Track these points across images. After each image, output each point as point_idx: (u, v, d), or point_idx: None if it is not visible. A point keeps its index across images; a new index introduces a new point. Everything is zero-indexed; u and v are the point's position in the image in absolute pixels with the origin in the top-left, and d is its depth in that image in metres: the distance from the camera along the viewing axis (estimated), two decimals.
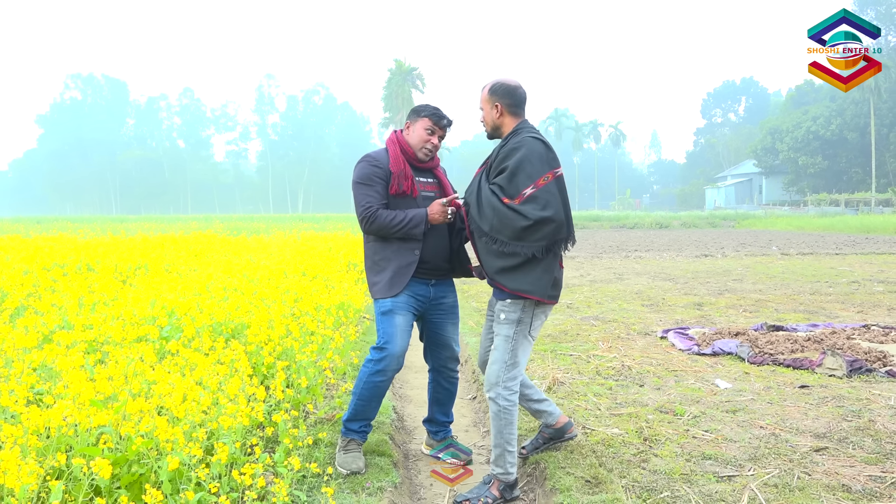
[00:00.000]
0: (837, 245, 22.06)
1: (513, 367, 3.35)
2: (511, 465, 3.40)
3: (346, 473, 3.48)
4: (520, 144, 3.27)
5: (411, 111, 3.80)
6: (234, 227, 28.91)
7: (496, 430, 3.38)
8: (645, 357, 5.97)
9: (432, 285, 3.76)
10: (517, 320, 3.33)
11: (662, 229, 40.28)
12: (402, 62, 67.54)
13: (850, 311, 8.47)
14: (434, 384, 4.03)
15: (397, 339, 3.59)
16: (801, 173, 63.70)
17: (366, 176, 3.61)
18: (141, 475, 2.82)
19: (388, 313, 3.61)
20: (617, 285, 11.33)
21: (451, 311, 3.90)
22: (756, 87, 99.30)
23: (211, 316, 5.17)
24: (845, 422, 4.14)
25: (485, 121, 3.49)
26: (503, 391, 3.35)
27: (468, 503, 3.35)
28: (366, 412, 3.68)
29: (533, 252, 3.18)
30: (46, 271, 8.95)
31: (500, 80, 3.45)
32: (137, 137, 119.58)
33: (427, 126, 3.67)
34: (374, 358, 3.62)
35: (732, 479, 3.33)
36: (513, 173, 3.22)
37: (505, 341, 3.36)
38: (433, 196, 3.73)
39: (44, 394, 3.41)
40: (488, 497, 3.37)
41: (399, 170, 3.62)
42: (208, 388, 3.46)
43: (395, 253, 3.62)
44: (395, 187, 3.61)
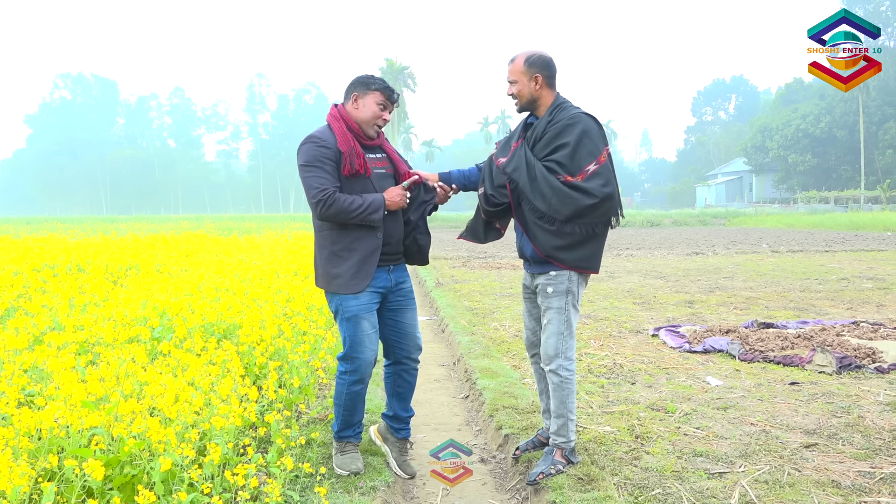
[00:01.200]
0: (827, 242, 22.21)
1: (570, 337, 3.40)
2: (572, 433, 3.48)
3: (347, 474, 3.45)
4: (575, 120, 3.24)
5: (357, 83, 3.46)
6: (226, 227, 28.83)
7: (559, 400, 3.41)
8: (637, 355, 5.99)
9: (391, 271, 3.58)
10: (566, 291, 3.36)
11: (654, 227, 40.41)
12: (394, 61, 67.44)
13: (840, 307, 8.53)
14: (394, 377, 3.76)
15: (366, 345, 3.44)
16: (791, 171, 64.05)
17: (314, 157, 3.32)
18: (133, 476, 2.82)
19: (354, 318, 3.41)
20: (608, 283, 11.36)
21: (410, 296, 3.70)
22: (746, 85, 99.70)
23: (203, 316, 5.16)
24: (835, 418, 4.17)
25: (519, 93, 3.38)
26: (564, 361, 3.39)
27: (542, 476, 3.37)
28: (353, 418, 3.61)
29: (593, 229, 3.25)
30: (37, 272, 8.91)
31: (534, 51, 3.38)
32: (128, 137, 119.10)
33: (379, 101, 3.43)
34: (346, 369, 3.48)
35: (723, 476, 3.35)
36: (574, 150, 3.20)
37: (558, 313, 3.37)
38: (386, 174, 3.53)
39: (35, 395, 3.40)
40: (558, 464, 3.42)
41: (349, 148, 3.35)
42: (200, 388, 3.46)
43: (356, 241, 3.38)
44: (348, 167, 3.34)
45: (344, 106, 3.49)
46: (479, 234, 3.67)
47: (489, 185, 3.50)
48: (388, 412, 3.84)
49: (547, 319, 3.41)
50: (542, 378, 3.74)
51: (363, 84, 3.44)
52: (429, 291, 10.94)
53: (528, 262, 3.51)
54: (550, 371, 3.42)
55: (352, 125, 3.43)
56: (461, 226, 4.09)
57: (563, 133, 3.24)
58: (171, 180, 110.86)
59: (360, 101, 3.43)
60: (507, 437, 4.14)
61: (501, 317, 8.15)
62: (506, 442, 4.13)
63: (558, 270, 3.34)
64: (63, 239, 17.18)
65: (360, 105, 3.43)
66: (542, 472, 3.40)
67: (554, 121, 3.30)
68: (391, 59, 67.89)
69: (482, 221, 3.63)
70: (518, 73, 3.36)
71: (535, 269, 3.44)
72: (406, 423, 3.82)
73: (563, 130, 3.24)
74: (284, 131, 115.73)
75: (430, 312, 9.47)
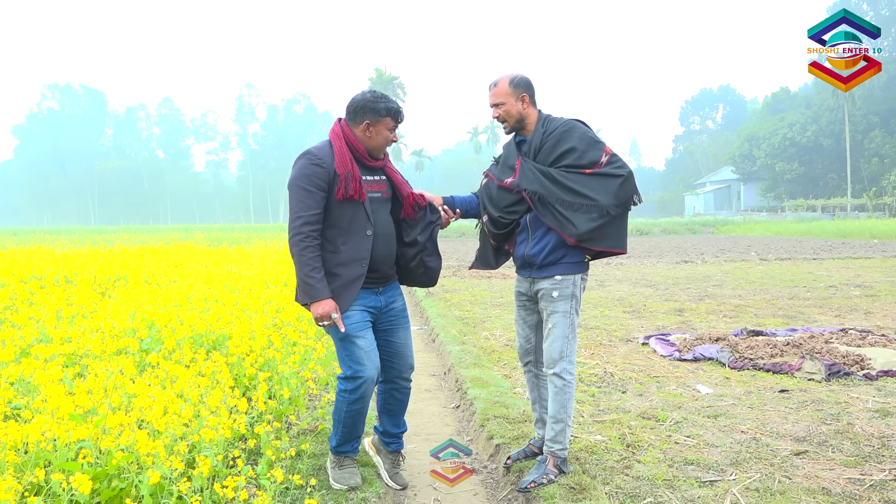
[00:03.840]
0: (815, 250, 22.36)
1: (574, 341, 3.45)
2: (567, 441, 3.50)
3: (345, 489, 3.41)
4: (569, 125, 3.41)
5: (367, 109, 3.34)
6: (215, 238, 28.71)
7: (559, 405, 3.43)
8: (627, 363, 6.00)
9: (380, 293, 3.53)
10: (570, 295, 3.42)
11: (643, 236, 40.56)
12: (383, 71, 67.64)
13: (828, 315, 8.58)
14: (386, 396, 3.70)
15: (365, 363, 3.36)
16: (779, 179, 64.59)
17: (306, 177, 3.25)
18: (121, 490, 2.79)
19: (347, 339, 3.35)
20: (598, 292, 11.39)
21: (402, 316, 3.65)
22: (733, 94, 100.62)
23: (192, 327, 5.13)
24: (824, 425, 4.19)
25: (508, 114, 3.45)
26: (568, 365, 3.42)
27: (533, 484, 3.37)
28: (353, 434, 3.55)
29: (623, 209, 3.36)
30: (24, 284, 8.83)
31: (514, 73, 3.48)
32: (116, 147, 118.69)
33: (390, 126, 3.39)
34: (348, 388, 3.40)
35: (714, 484, 3.36)
36: (583, 150, 3.34)
37: (564, 317, 3.42)
38: (381, 198, 3.46)
39: (21, 408, 3.36)
40: (549, 474, 3.42)
41: (346, 171, 3.26)
42: (189, 400, 3.43)
43: (341, 266, 3.32)
44: (342, 191, 3.25)
45: (350, 128, 3.40)
46: (490, 261, 3.74)
47: (493, 209, 3.57)
48: (380, 427, 3.81)
49: (552, 324, 3.44)
50: (535, 387, 3.74)
51: (374, 111, 3.34)
52: (419, 301, 10.93)
53: (529, 267, 3.51)
54: (554, 375, 3.43)
55: (356, 147, 3.37)
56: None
57: (563, 140, 3.37)
58: (160, 191, 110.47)
59: (373, 129, 3.36)
60: (497, 447, 4.13)
61: (492, 326, 8.14)
62: (497, 452, 4.12)
63: (564, 275, 3.41)
64: (51, 250, 17.06)
65: (372, 133, 3.37)
66: (533, 480, 3.39)
67: (548, 132, 3.41)
68: (381, 69, 68.09)
69: (491, 248, 3.70)
70: (504, 94, 3.44)
71: (539, 273, 3.46)
72: (398, 437, 3.79)
73: (561, 138, 3.38)
74: (274, 141, 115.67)
75: (421, 322, 9.46)
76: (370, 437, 3.92)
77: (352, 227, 3.34)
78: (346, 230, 3.34)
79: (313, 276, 3.23)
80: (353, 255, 3.33)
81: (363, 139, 3.38)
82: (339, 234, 3.33)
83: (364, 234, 3.36)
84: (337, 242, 3.34)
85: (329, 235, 3.33)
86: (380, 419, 3.79)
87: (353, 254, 3.33)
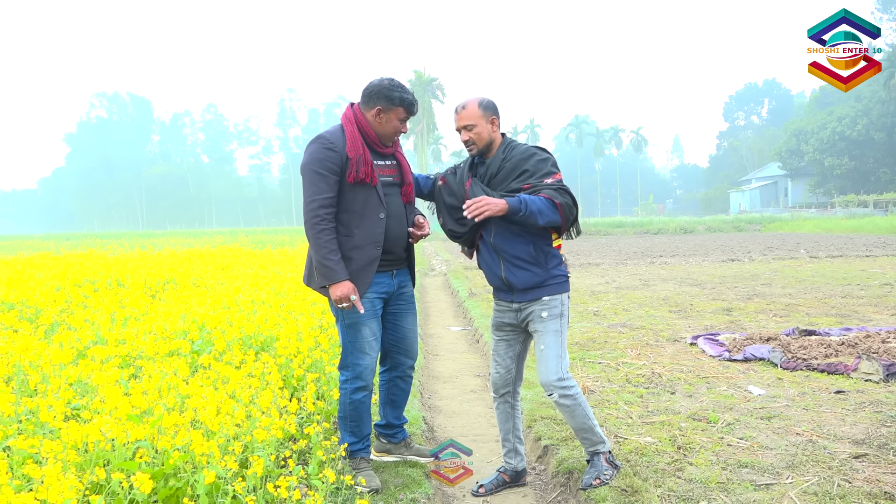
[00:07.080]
0: (867, 247, 21.69)
1: (566, 358, 3.43)
2: (603, 435, 3.52)
3: (368, 492, 3.42)
4: (528, 153, 3.43)
5: (381, 96, 3.38)
6: (259, 241, 29.13)
7: (580, 420, 3.43)
8: (675, 364, 5.90)
9: (394, 276, 3.57)
10: (560, 314, 3.43)
11: (687, 234, 39.93)
12: (422, 73, 67.76)
13: (884, 314, 8.32)
14: (390, 385, 3.75)
15: (366, 351, 3.44)
16: (828, 175, 62.83)
17: (319, 161, 3.29)
18: (178, 489, 2.85)
19: (355, 325, 3.41)
20: (643, 292, 11.24)
21: (411, 301, 3.70)
22: (779, 88, 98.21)
23: (241, 329, 5.22)
24: (884, 427, 4.06)
25: (479, 137, 3.43)
26: (568, 381, 3.40)
27: (599, 481, 3.38)
28: (362, 429, 3.57)
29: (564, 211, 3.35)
30: (78, 287, 9.08)
31: (482, 96, 3.48)
32: (162, 154, 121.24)
33: (402, 116, 3.44)
34: (348, 377, 3.46)
35: (770, 488, 3.28)
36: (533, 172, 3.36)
37: (555, 336, 3.41)
38: (392, 182, 3.51)
39: (81, 409, 3.45)
40: (606, 471, 3.44)
41: (357, 155, 3.31)
42: (241, 401, 3.49)
43: (355, 249, 3.35)
44: (353, 175, 3.30)
45: (363, 111, 3.44)
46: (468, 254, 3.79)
47: (448, 219, 3.58)
48: (381, 421, 3.84)
49: (544, 345, 3.41)
50: (510, 417, 3.71)
51: (387, 99, 3.38)
52: (462, 301, 10.93)
53: (510, 291, 3.48)
54: (561, 398, 3.38)
55: (368, 132, 3.41)
56: None
57: (518, 166, 3.39)
58: (205, 195, 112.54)
59: (384, 116, 3.41)
60: (546, 449, 4.11)
61: None
62: (545, 453, 4.09)
63: (551, 295, 3.41)
64: (102, 255, 17.52)
65: (383, 120, 3.41)
66: (598, 476, 3.40)
67: (507, 158, 3.42)
68: (420, 70, 68.21)
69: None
70: (475, 117, 3.42)
71: (525, 297, 3.44)
72: (401, 428, 3.83)
73: (517, 164, 3.40)
74: None
75: (465, 322, 9.46)
76: (372, 448, 3.85)
77: (365, 210, 3.39)
78: (359, 214, 3.38)
79: (331, 258, 3.28)
80: (368, 238, 3.38)
81: (374, 124, 3.42)
82: (353, 218, 3.38)
83: (377, 217, 3.41)
84: (351, 226, 3.38)
85: (343, 219, 3.38)
86: (382, 412, 3.82)
87: (367, 237, 3.38)
